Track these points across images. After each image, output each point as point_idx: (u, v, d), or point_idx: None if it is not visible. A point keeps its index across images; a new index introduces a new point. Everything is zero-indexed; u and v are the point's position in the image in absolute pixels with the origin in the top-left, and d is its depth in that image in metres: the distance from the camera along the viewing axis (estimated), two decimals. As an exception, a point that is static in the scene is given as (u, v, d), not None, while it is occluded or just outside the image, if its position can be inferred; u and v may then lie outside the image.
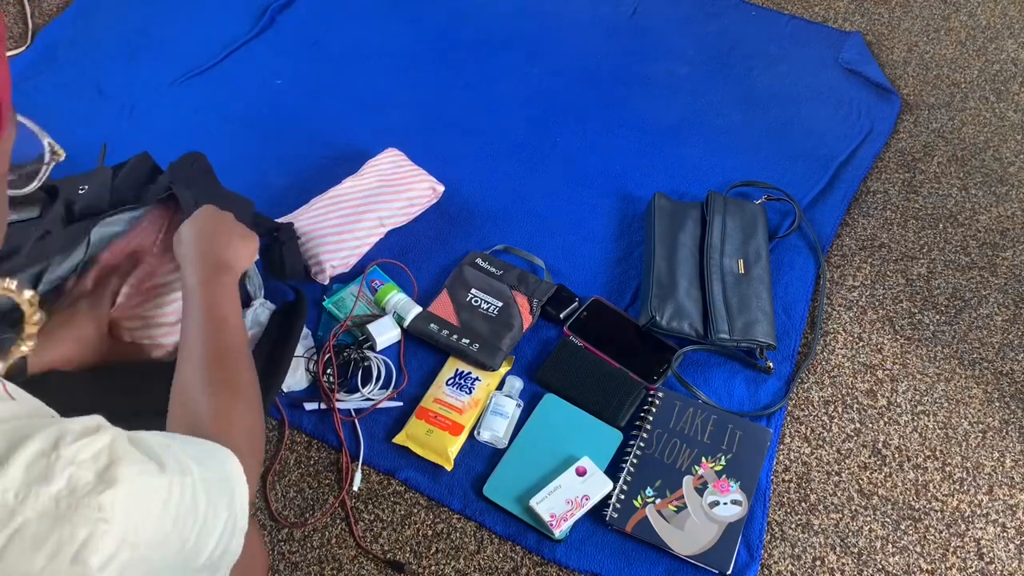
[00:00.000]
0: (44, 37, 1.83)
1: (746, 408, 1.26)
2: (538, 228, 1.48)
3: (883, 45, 1.86)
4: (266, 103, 1.70)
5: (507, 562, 1.12)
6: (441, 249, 1.44)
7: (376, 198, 1.42)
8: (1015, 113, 1.71)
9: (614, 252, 1.45)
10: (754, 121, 1.68)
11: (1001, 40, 1.87)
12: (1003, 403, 1.29)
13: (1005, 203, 1.55)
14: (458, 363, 1.27)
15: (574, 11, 1.91)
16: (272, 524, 1.15)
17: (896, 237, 1.49)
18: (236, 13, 1.87)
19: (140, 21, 1.86)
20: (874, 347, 1.35)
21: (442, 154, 1.57)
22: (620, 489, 1.15)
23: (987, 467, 1.22)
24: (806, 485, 1.20)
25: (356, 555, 1.13)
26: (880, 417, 1.27)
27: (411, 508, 1.17)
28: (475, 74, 1.76)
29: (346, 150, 1.58)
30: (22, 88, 1.72)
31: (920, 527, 1.16)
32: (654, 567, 1.11)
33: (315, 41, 1.83)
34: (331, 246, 1.35)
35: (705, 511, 1.13)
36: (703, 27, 1.87)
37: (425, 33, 1.85)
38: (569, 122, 1.67)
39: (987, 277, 1.44)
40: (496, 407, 1.22)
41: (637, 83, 1.75)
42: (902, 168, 1.61)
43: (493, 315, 1.31)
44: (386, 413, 1.25)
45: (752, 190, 1.54)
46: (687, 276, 1.35)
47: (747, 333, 1.28)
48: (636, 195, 1.54)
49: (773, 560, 1.13)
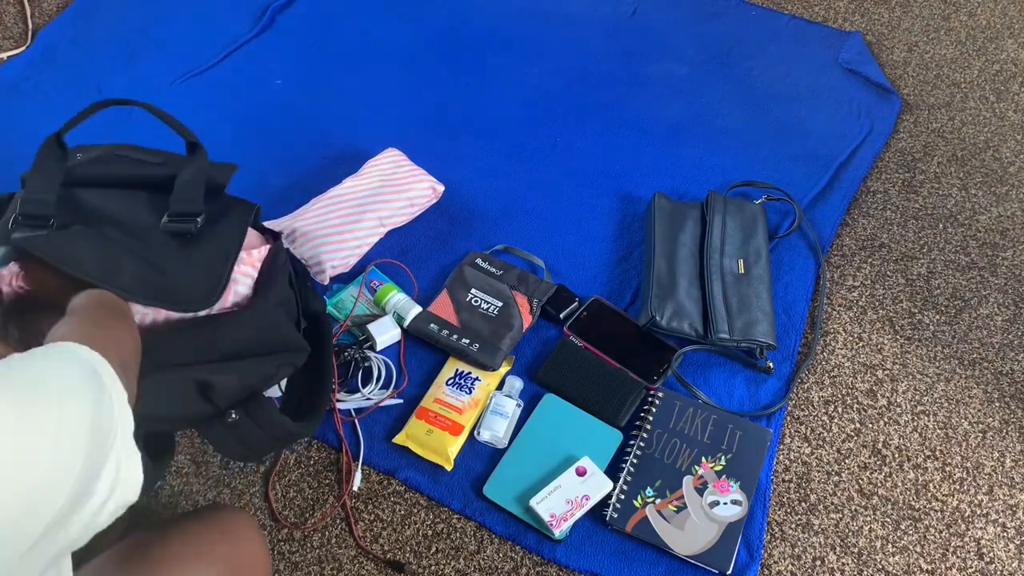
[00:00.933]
0: (44, 37, 1.83)
1: (746, 408, 1.26)
2: (538, 228, 1.48)
3: (883, 45, 1.86)
4: (266, 103, 1.70)
5: (507, 562, 1.12)
6: (441, 249, 1.44)
7: (376, 198, 1.42)
8: (1015, 113, 1.71)
9: (614, 252, 1.45)
10: (754, 121, 1.68)
11: (1001, 40, 1.87)
12: (1003, 403, 1.29)
13: (1005, 203, 1.55)
14: (458, 363, 1.27)
15: (574, 11, 1.91)
16: (272, 524, 1.15)
17: (896, 237, 1.49)
18: (236, 13, 1.88)
19: (140, 21, 1.86)
20: (874, 347, 1.35)
21: (442, 154, 1.57)
22: (620, 489, 1.15)
23: (987, 467, 1.22)
24: (806, 485, 1.20)
25: (356, 555, 1.13)
26: (880, 417, 1.27)
27: (411, 508, 1.17)
28: (475, 74, 1.76)
29: (346, 150, 1.58)
30: (22, 88, 1.72)
31: (920, 527, 1.16)
32: (654, 567, 1.11)
33: (315, 41, 1.83)
34: (331, 246, 1.36)
35: (705, 511, 1.13)
36: (703, 27, 1.87)
37: (425, 33, 1.85)
38: (569, 122, 1.67)
39: (987, 277, 1.44)
40: (496, 407, 1.22)
41: (637, 83, 1.75)
42: (902, 168, 1.61)
43: (493, 315, 1.31)
44: (386, 413, 1.25)
45: (752, 190, 1.54)
46: (687, 276, 1.35)
47: (747, 333, 1.28)
48: (636, 195, 1.54)
49: (773, 560, 1.13)
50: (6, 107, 1.68)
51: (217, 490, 1.18)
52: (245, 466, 1.21)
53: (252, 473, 1.20)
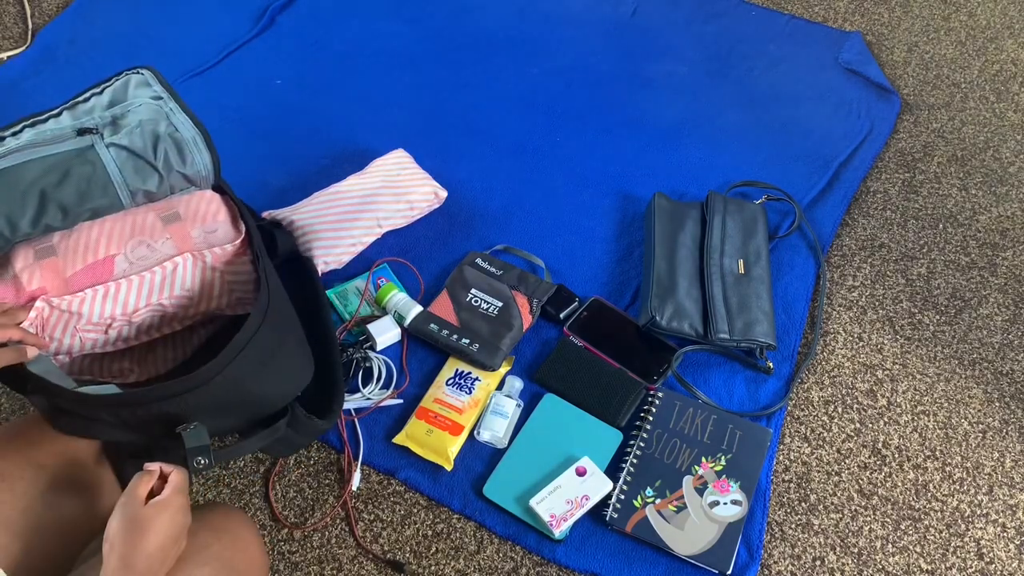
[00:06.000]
0: (44, 37, 1.83)
1: (746, 408, 1.26)
2: (538, 228, 1.48)
3: (883, 45, 1.86)
4: (266, 103, 1.70)
5: (507, 562, 1.12)
6: (441, 249, 1.44)
7: (376, 198, 1.42)
8: (1015, 113, 1.71)
9: (614, 252, 1.45)
10: (754, 121, 1.68)
11: (1001, 40, 1.87)
12: (1003, 403, 1.29)
13: (1005, 203, 1.55)
14: (458, 363, 1.27)
15: (574, 11, 1.91)
16: (272, 524, 1.15)
17: (896, 237, 1.49)
18: (236, 13, 1.88)
19: (140, 21, 1.86)
20: (874, 347, 1.35)
21: (442, 154, 1.57)
22: (620, 489, 1.15)
23: (987, 467, 1.22)
24: (806, 485, 1.20)
25: (356, 555, 1.13)
26: (880, 417, 1.27)
27: (411, 508, 1.17)
28: (475, 74, 1.76)
29: (346, 150, 1.58)
30: (22, 88, 1.72)
31: (920, 527, 1.16)
32: (654, 567, 1.11)
33: (315, 41, 1.83)
34: (326, 242, 1.36)
35: (705, 511, 1.13)
36: (703, 27, 1.87)
37: (425, 33, 1.85)
38: (569, 122, 1.67)
39: (987, 277, 1.44)
40: (496, 407, 1.22)
41: (637, 83, 1.75)
42: (902, 168, 1.61)
43: (493, 315, 1.31)
44: (386, 413, 1.25)
45: (752, 190, 1.54)
46: (687, 276, 1.35)
47: (747, 333, 1.28)
48: (636, 195, 1.54)
49: (773, 560, 1.13)
50: (6, 107, 1.68)
51: (217, 490, 1.18)
52: (245, 466, 1.21)
53: (252, 473, 1.20)
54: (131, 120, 1.03)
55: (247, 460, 1.21)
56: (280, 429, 1.03)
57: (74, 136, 1.00)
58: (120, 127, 1.02)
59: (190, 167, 1.05)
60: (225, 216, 1.09)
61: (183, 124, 1.04)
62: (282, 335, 1.03)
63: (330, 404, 1.13)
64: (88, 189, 0.99)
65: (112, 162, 1.00)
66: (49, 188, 0.97)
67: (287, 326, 1.06)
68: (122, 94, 1.07)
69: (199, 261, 1.07)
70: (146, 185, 1.03)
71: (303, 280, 1.30)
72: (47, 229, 0.99)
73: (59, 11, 1.90)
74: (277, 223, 1.39)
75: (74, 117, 1.03)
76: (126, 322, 1.06)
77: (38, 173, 0.97)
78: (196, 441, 0.89)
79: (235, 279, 1.12)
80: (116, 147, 1.00)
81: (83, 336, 1.03)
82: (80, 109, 1.05)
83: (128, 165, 1.01)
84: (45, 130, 1.01)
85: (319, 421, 1.08)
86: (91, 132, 1.01)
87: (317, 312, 1.24)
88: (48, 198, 0.97)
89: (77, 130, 1.01)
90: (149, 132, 1.02)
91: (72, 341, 1.03)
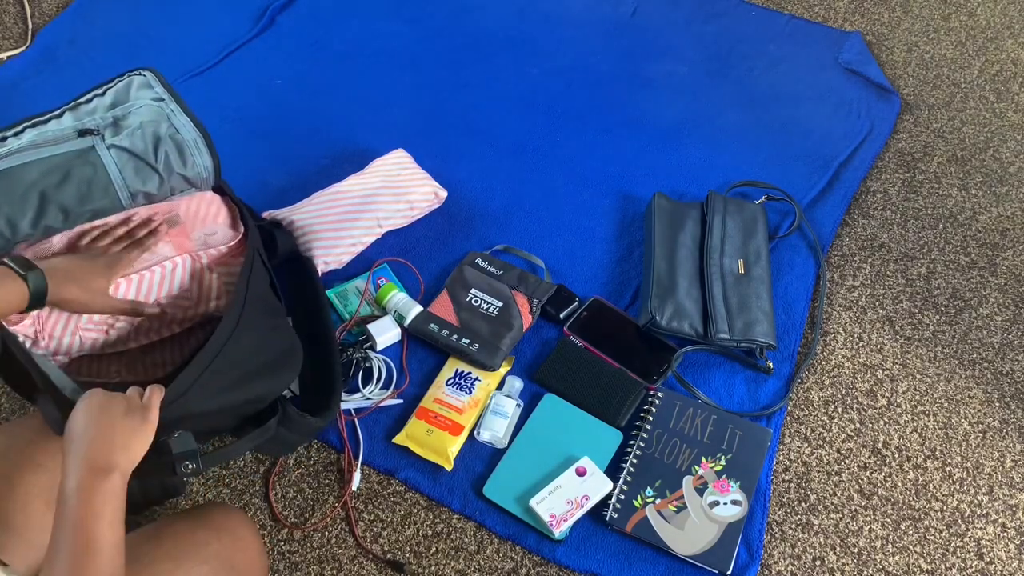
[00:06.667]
0: (44, 37, 1.83)
1: (746, 408, 1.26)
2: (538, 228, 1.48)
3: (883, 45, 1.86)
4: (266, 103, 1.70)
5: (507, 562, 1.12)
6: (441, 249, 1.44)
7: (376, 198, 1.42)
8: (1015, 113, 1.71)
9: (614, 252, 1.45)
10: (754, 121, 1.68)
11: (1001, 40, 1.87)
12: (1003, 403, 1.29)
13: (1005, 203, 1.55)
14: (458, 363, 1.27)
15: (574, 11, 1.91)
16: (272, 524, 1.15)
17: (896, 237, 1.50)
18: (236, 13, 1.87)
19: (140, 21, 1.86)
20: (874, 347, 1.35)
21: (442, 154, 1.57)
22: (620, 489, 1.15)
23: (987, 467, 1.22)
24: (806, 485, 1.20)
25: (356, 555, 1.13)
26: (880, 417, 1.27)
27: (411, 508, 1.17)
28: (475, 74, 1.76)
29: (346, 150, 1.58)
30: (22, 88, 1.72)
31: (920, 527, 1.16)
32: (654, 567, 1.11)
33: (315, 41, 1.83)
34: (326, 242, 1.36)
35: (705, 511, 1.13)
36: (703, 27, 1.87)
37: (425, 33, 1.85)
38: (569, 122, 1.67)
39: (987, 277, 1.44)
40: (496, 407, 1.22)
41: (637, 83, 1.75)
42: (902, 168, 1.61)
43: (493, 315, 1.31)
44: (386, 413, 1.25)
45: (752, 190, 1.54)
46: (687, 276, 1.35)
47: (747, 333, 1.28)
48: (636, 195, 1.54)
49: (773, 560, 1.13)
50: (6, 107, 1.68)
51: (217, 490, 1.18)
52: (245, 466, 1.21)
53: (252, 473, 1.20)
54: (132, 121, 1.03)
55: (247, 460, 1.21)
56: (271, 428, 1.02)
57: (75, 137, 1.00)
58: (121, 128, 1.02)
59: (191, 169, 1.05)
60: (225, 218, 1.09)
61: (184, 126, 1.04)
62: (263, 335, 1.02)
63: (327, 403, 1.13)
64: (89, 190, 0.99)
65: (113, 163, 1.00)
66: (50, 189, 0.97)
67: (266, 324, 1.06)
68: (124, 95, 1.07)
69: (197, 263, 1.08)
70: (146, 187, 1.03)
71: (303, 280, 1.30)
72: (47, 230, 0.99)
73: (59, 11, 1.90)
74: (277, 223, 1.39)
75: (76, 118, 1.04)
76: (127, 323, 1.06)
77: (39, 174, 0.97)
78: (182, 447, 0.88)
79: (232, 280, 1.12)
80: (117, 149, 1.01)
81: (83, 336, 1.03)
82: (82, 110, 1.05)
83: (129, 167, 1.01)
84: (46, 131, 1.01)
85: (312, 419, 1.07)
86: (92, 133, 1.01)
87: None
88: (49, 199, 0.97)
89: (78, 131, 1.01)
90: (150, 134, 1.02)
91: (72, 341, 1.03)
